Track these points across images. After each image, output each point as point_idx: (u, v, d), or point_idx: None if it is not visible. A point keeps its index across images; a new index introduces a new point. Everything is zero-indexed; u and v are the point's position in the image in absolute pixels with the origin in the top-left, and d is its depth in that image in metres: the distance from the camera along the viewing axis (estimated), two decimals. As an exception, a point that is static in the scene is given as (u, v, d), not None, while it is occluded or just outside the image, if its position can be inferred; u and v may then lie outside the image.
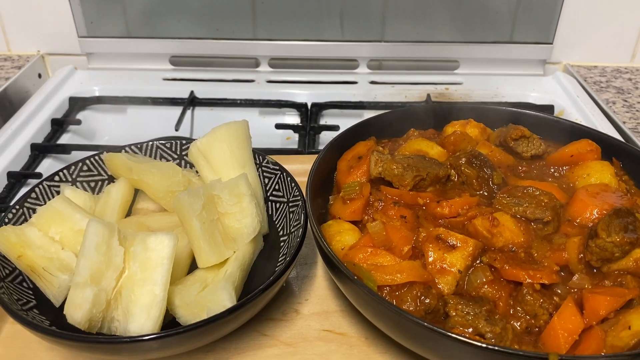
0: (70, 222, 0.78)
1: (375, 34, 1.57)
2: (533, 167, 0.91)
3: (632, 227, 0.73)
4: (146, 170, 0.88)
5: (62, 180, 0.92)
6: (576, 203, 0.81)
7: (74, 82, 1.54)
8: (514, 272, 0.72)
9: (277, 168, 0.94)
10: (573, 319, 0.68)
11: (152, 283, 0.70)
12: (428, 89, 1.52)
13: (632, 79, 1.59)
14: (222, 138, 0.88)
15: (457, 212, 0.79)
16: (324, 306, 0.86)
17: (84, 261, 0.69)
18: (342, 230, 0.79)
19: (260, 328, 0.82)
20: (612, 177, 0.87)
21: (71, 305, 0.67)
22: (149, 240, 0.72)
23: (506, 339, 0.68)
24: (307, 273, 0.92)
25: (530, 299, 0.70)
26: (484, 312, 0.68)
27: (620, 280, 0.73)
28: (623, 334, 0.67)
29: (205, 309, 0.71)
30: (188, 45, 1.59)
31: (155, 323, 0.69)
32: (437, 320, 0.70)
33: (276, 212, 0.93)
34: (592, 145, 0.91)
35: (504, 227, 0.76)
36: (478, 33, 1.57)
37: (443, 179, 0.85)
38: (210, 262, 0.78)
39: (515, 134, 0.90)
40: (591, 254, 0.73)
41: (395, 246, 0.75)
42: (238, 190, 0.81)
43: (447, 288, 0.72)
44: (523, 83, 1.54)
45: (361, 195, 0.82)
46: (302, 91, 1.52)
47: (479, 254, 0.75)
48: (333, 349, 0.80)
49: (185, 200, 0.76)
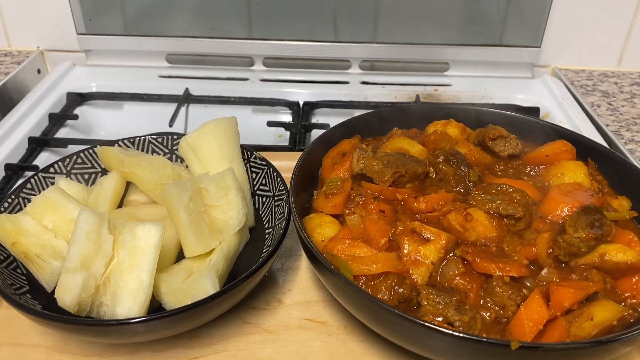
0: (63, 212, 0.82)
1: (368, 36, 1.61)
2: (510, 166, 0.95)
3: (598, 224, 0.77)
4: (137, 164, 0.91)
5: (57, 172, 0.95)
6: (548, 201, 0.85)
7: (72, 78, 1.57)
8: (485, 265, 0.75)
9: (264, 163, 0.98)
10: (538, 310, 0.71)
11: (139, 270, 0.73)
12: (417, 90, 1.55)
13: (618, 83, 1.62)
14: (211, 133, 0.92)
15: (433, 207, 0.83)
16: (306, 296, 0.90)
17: (74, 248, 0.72)
18: (323, 223, 0.83)
19: (244, 316, 0.86)
20: (585, 176, 0.90)
21: (61, 289, 0.71)
22: (137, 230, 0.75)
23: (474, 327, 0.71)
24: (292, 265, 0.96)
25: (500, 290, 0.74)
26: (454, 302, 0.72)
27: (586, 274, 0.76)
28: (586, 325, 0.70)
29: (189, 295, 0.75)
30: (184, 44, 1.62)
31: (141, 307, 0.72)
32: (410, 309, 0.74)
33: (262, 206, 0.97)
34: (567, 146, 0.94)
35: (477, 222, 0.80)
36: (468, 36, 1.60)
37: (422, 176, 0.88)
38: (196, 251, 0.81)
39: (493, 134, 0.94)
40: (559, 249, 0.77)
41: (373, 238, 0.79)
42: (224, 184, 0.85)
43: (420, 279, 0.75)
44: (511, 85, 1.57)
45: (342, 190, 0.86)
46: (295, 90, 1.56)
47: (452, 247, 0.78)
48: (313, 337, 0.83)
49: (173, 192, 0.80)
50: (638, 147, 1.31)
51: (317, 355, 0.80)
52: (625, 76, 1.66)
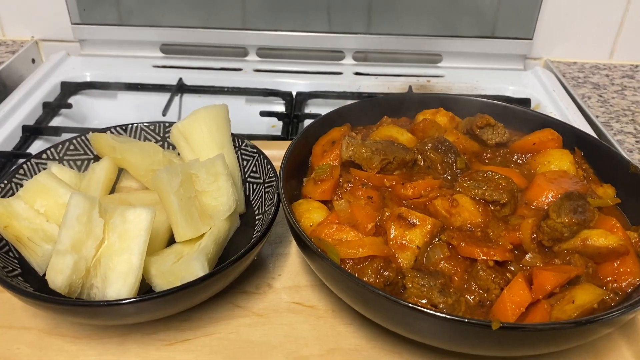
0: (54, 196, 0.83)
1: (361, 27, 1.62)
2: (497, 154, 0.96)
3: (581, 210, 0.78)
4: (129, 150, 0.92)
5: (50, 158, 0.96)
6: (534, 187, 0.86)
7: (66, 68, 1.58)
8: (470, 250, 0.77)
9: (255, 151, 0.99)
10: (521, 292, 0.72)
11: (129, 252, 0.74)
12: (410, 81, 1.56)
13: (609, 75, 1.63)
14: (202, 120, 0.93)
15: (419, 193, 0.84)
16: (296, 281, 0.91)
17: (65, 231, 0.73)
18: (311, 209, 0.84)
19: (234, 300, 0.87)
20: (570, 164, 0.91)
21: (52, 270, 0.72)
22: (127, 213, 0.77)
23: (458, 310, 0.73)
24: (282, 251, 0.97)
25: (484, 274, 0.75)
26: (438, 285, 0.73)
27: (569, 259, 0.77)
28: (567, 307, 0.72)
29: (179, 278, 0.76)
30: (178, 34, 1.63)
31: (131, 289, 0.74)
32: (395, 292, 0.75)
33: (253, 193, 0.98)
34: (554, 135, 0.95)
35: (463, 208, 0.81)
36: (461, 28, 1.61)
37: (410, 163, 0.90)
38: (186, 236, 0.83)
39: (480, 122, 0.95)
40: (543, 234, 0.78)
41: (360, 223, 0.80)
42: (215, 170, 0.86)
43: (406, 262, 0.77)
44: (502, 77, 1.58)
45: (331, 177, 0.87)
46: (289, 80, 1.56)
47: (438, 232, 0.79)
48: (301, 320, 0.84)
49: (163, 178, 0.81)
50: (627, 138, 1.33)
51: (305, 338, 0.82)
52: (617, 68, 1.67)
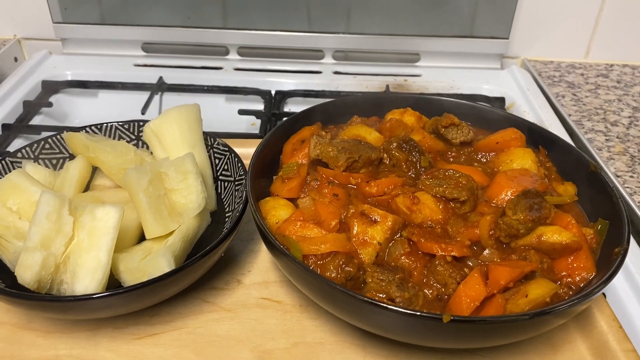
0: (27, 194, 0.85)
1: (341, 26, 1.64)
2: (462, 152, 0.98)
3: (537, 207, 0.81)
4: (101, 149, 0.94)
5: (25, 157, 0.98)
6: (494, 185, 0.89)
7: (47, 66, 1.59)
8: (429, 245, 0.79)
9: (226, 149, 1.01)
10: (476, 287, 0.75)
11: (97, 249, 0.76)
12: (388, 80, 1.59)
13: (584, 74, 1.66)
14: (173, 119, 0.95)
15: (383, 191, 0.87)
16: (265, 277, 0.93)
17: (34, 228, 0.75)
18: (277, 206, 0.86)
19: (203, 296, 0.90)
20: (532, 162, 0.94)
21: (21, 266, 0.74)
22: (97, 211, 0.79)
23: (415, 303, 0.75)
24: (253, 248, 0.99)
25: (442, 269, 0.78)
26: (396, 280, 0.76)
27: (525, 254, 0.80)
28: (520, 301, 0.74)
29: (146, 274, 0.78)
30: (160, 33, 1.65)
31: (98, 285, 0.76)
32: (356, 287, 0.77)
33: (224, 191, 1.00)
34: (517, 133, 0.98)
35: (424, 205, 0.84)
36: (439, 27, 1.63)
37: (375, 161, 0.92)
38: (155, 233, 0.85)
39: (445, 122, 0.97)
40: (500, 231, 0.81)
41: (324, 220, 0.83)
42: (184, 168, 0.88)
43: (367, 258, 0.79)
44: (478, 76, 1.61)
45: (298, 175, 0.89)
46: (268, 79, 1.59)
47: (399, 228, 0.82)
48: (269, 315, 0.87)
49: (132, 176, 0.83)
50: (597, 137, 1.36)
51: (271, 332, 0.84)
52: (592, 67, 1.70)
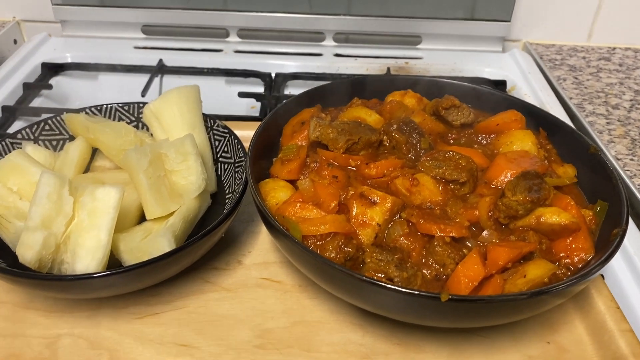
0: (27, 175, 0.85)
1: (342, 8, 1.63)
2: (462, 134, 0.98)
3: (536, 188, 0.81)
4: (101, 130, 0.94)
5: (25, 138, 0.98)
6: (494, 167, 0.89)
7: (47, 49, 1.59)
8: (428, 226, 0.79)
9: (226, 131, 1.01)
10: (475, 267, 0.75)
11: (97, 229, 0.77)
12: (389, 62, 1.58)
13: (586, 57, 1.65)
14: (173, 101, 0.95)
15: (382, 173, 0.87)
16: (265, 258, 0.94)
17: (35, 208, 0.76)
18: (277, 187, 0.86)
19: (204, 276, 0.90)
20: (532, 144, 0.94)
21: (22, 246, 0.75)
22: (97, 192, 0.79)
23: (414, 283, 0.76)
24: (253, 229, 1.00)
25: (440, 250, 0.78)
26: (395, 260, 0.76)
27: (524, 235, 0.80)
28: (519, 282, 0.75)
29: (147, 253, 0.79)
30: (159, 15, 1.64)
31: (99, 264, 0.76)
32: (355, 267, 0.78)
33: (224, 173, 1.01)
34: (517, 115, 0.98)
35: (423, 186, 0.84)
36: (441, 10, 1.62)
37: (375, 143, 0.92)
38: (155, 213, 0.85)
39: (445, 104, 0.97)
40: (499, 212, 0.81)
41: (324, 202, 0.83)
42: (184, 149, 0.88)
43: (366, 239, 0.80)
44: (480, 59, 1.60)
45: (297, 157, 0.89)
46: (269, 61, 1.58)
47: (398, 209, 0.82)
48: (269, 294, 0.88)
49: (132, 157, 0.83)
50: (598, 120, 1.35)
51: (271, 311, 0.85)
52: (594, 51, 1.69)
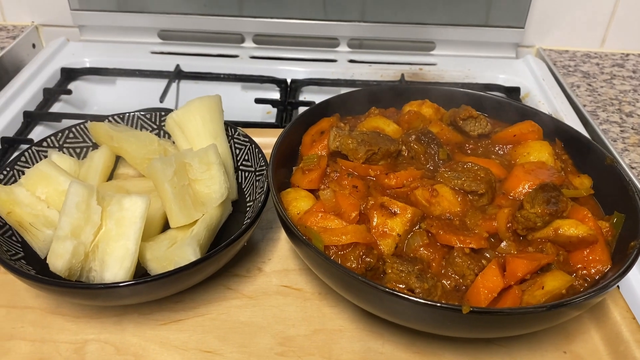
0: (55, 184, 0.87)
1: (356, 15, 1.64)
2: (479, 145, 1.00)
3: (554, 201, 0.82)
4: (125, 139, 0.96)
5: (50, 146, 1.00)
6: (511, 178, 0.90)
7: (66, 53, 1.61)
8: (447, 237, 0.81)
9: (247, 140, 1.03)
10: (494, 279, 0.77)
11: (125, 238, 0.79)
12: (403, 68, 1.59)
13: (600, 64, 1.66)
14: (196, 110, 0.97)
15: (402, 183, 0.88)
16: (285, 265, 0.96)
17: (65, 217, 0.78)
18: (299, 197, 0.88)
19: (226, 283, 0.92)
20: (549, 155, 0.95)
21: (53, 255, 0.77)
22: (124, 201, 0.81)
23: (434, 294, 0.77)
24: (272, 236, 1.01)
25: (460, 261, 0.79)
26: (416, 271, 0.78)
27: (542, 247, 0.82)
28: (537, 293, 0.76)
29: (172, 262, 0.81)
30: (176, 20, 1.66)
31: (127, 273, 0.78)
32: (376, 277, 0.80)
33: (245, 181, 1.02)
34: (534, 127, 0.99)
35: (442, 197, 0.85)
36: (454, 16, 1.63)
37: (394, 153, 0.94)
38: (180, 222, 0.87)
39: (463, 114, 0.99)
40: (517, 223, 0.82)
41: (344, 212, 0.84)
42: (207, 159, 0.90)
43: (387, 249, 0.81)
44: (494, 65, 1.61)
45: (318, 167, 0.91)
46: (284, 67, 1.59)
47: (418, 220, 0.84)
48: (289, 302, 0.89)
49: (157, 167, 0.85)
50: (612, 127, 1.36)
51: (292, 319, 0.87)
52: (608, 57, 1.70)
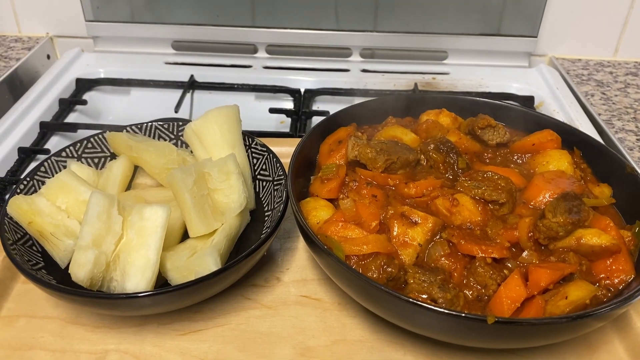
0: (75, 194, 0.87)
1: (369, 24, 1.65)
2: (498, 154, 0.99)
3: (576, 210, 0.82)
4: (144, 149, 0.96)
5: (69, 156, 1.01)
6: (532, 187, 0.90)
7: (80, 64, 1.62)
8: (469, 247, 0.80)
9: (264, 149, 1.03)
10: (517, 289, 0.76)
11: (146, 248, 0.79)
12: (416, 78, 1.60)
13: (613, 72, 1.66)
14: (214, 120, 0.97)
15: (422, 192, 0.88)
16: (303, 275, 0.95)
17: (86, 227, 0.78)
18: (318, 207, 0.88)
19: (244, 293, 0.92)
20: (568, 164, 0.95)
21: (75, 265, 0.77)
22: (144, 211, 0.81)
23: (457, 304, 0.77)
24: (290, 245, 1.01)
25: (482, 270, 0.79)
26: (438, 281, 0.77)
27: (564, 256, 0.81)
28: (560, 303, 0.75)
29: (193, 272, 0.80)
30: (189, 31, 1.67)
31: (148, 283, 0.78)
32: (397, 287, 0.79)
33: (263, 190, 1.02)
34: (553, 135, 0.99)
35: (463, 207, 0.85)
36: (467, 25, 1.64)
37: (413, 163, 0.93)
38: (199, 232, 0.87)
39: (482, 123, 0.98)
40: (539, 233, 0.82)
41: (365, 221, 0.84)
42: (226, 169, 0.90)
43: (408, 259, 0.81)
44: (507, 74, 1.61)
45: (337, 176, 0.91)
46: (297, 77, 1.60)
47: (439, 230, 0.83)
48: (308, 312, 0.89)
49: (178, 177, 0.85)
50: (628, 136, 1.35)
51: (311, 329, 0.86)
52: (621, 66, 1.70)
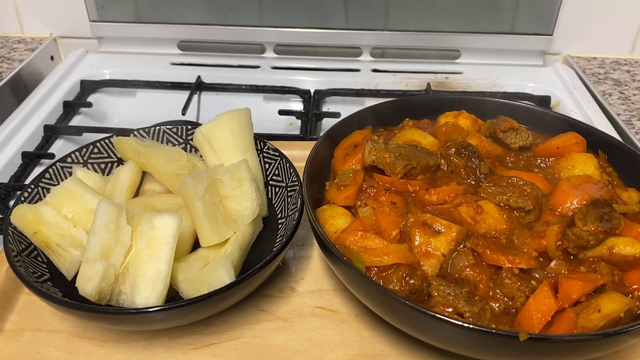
0: (81, 202, 0.84)
1: (379, 23, 1.61)
2: (520, 157, 0.95)
3: (607, 217, 0.78)
4: (153, 154, 0.93)
5: (74, 162, 0.97)
6: (558, 193, 0.86)
7: (85, 66, 1.59)
8: (495, 257, 0.77)
9: (277, 154, 0.99)
10: (547, 301, 0.72)
11: (157, 259, 0.75)
12: (429, 77, 1.56)
13: (630, 71, 1.61)
14: (225, 124, 0.93)
15: (444, 199, 0.84)
16: (319, 285, 0.92)
17: (94, 238, 0.74)
18: (336, 215, 0.84)
19: (258, 304, 0.88)
20: (595, 169, 0.91)
21: (82, 278, 0.73)
22: (154, 220, 0.77)
23: (484, 318, 0.73)
24: (304, 254, 0.97)
25: (509, 282, 0.75)
26: (464, 294, 0.73)
27: (595, 266, 0.77)
28: (593, 316, 0.72)
29: (206, 284, 0.77)
30: (196, 31, 1.63)
31: (159, 296, 0.74)
32: (420, 300, 0.75)
33: (275, 196, 0.99)
34: (578, 138, 0.95)
35: (487, 214, 0.81)
36: (480, 23, 1.59)
37: (433, 167, 0.90)
38: (211, 241, 0.83)
39: (504, 126, 0.95)
40: (568, 242, 0.78)
41: (384, 230, 0.80)
42: (239, 175, 0.86)
43: (431, 270, 0.77)
44: (522, 74, 1.57)
45: (354, 182, 0.87)
46: (306, 78, 1.56)
47: (463, 239, 0.79)
48: (325, 324, 0.85)
49: (189, 184, 0.81)
50: (649, 137, 1.31)
51: (329, 343, 0.82)
52: (638, 64, 1.65)
